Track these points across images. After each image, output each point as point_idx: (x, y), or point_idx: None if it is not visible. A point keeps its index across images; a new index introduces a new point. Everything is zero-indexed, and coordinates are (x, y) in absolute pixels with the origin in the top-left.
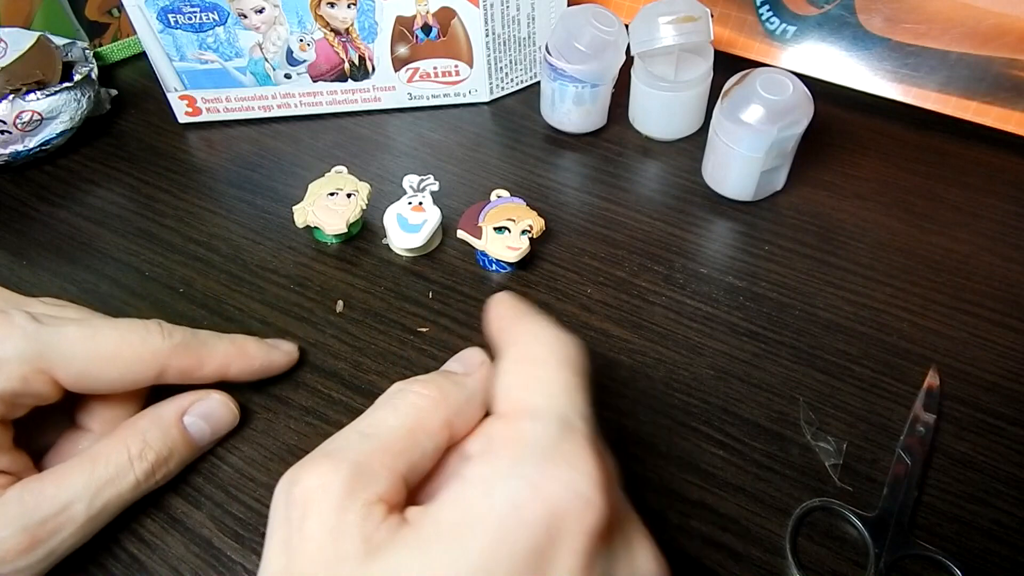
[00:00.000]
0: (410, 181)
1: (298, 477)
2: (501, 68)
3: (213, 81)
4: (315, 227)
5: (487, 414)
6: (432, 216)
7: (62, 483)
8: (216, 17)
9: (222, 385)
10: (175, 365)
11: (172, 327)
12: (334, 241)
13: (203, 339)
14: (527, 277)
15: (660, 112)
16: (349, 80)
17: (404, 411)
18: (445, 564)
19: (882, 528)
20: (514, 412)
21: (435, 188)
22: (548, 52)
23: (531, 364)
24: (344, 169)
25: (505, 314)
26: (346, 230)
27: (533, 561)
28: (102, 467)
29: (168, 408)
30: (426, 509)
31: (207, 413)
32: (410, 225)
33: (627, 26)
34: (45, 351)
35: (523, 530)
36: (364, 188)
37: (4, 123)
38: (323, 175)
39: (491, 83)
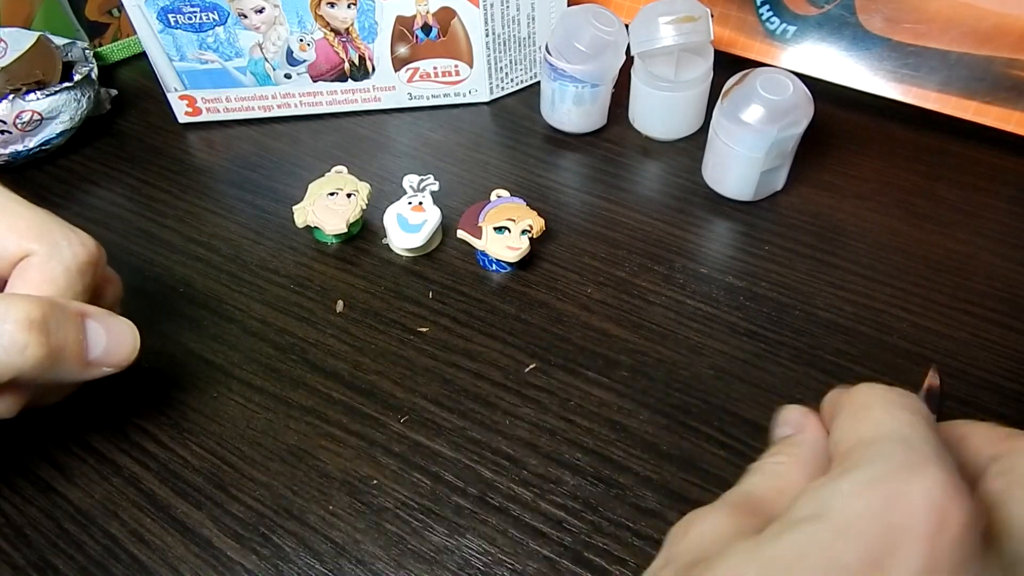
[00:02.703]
0: (410, 181)
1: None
2: (501, 68)
3: (213, 81)
4: (315, 227)
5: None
6: (432, 216)
7: None
8: (216, 17)
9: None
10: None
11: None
12: (334, 241)
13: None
14: (527, 277)
15: (660, 112)
16: (349, 80)
17: (769, 473)
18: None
19: None
20: (851, 447)
21: (435, 188)
22: (548, 52)
23: (862, 408)
24: (344, 169)
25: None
26: (346, 230)
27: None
28: None
29: (72, 302)
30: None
31: (110, 326)
32: (410, 225)
33: (627, 26)
34: None
35: (860, 535)
36: (364, 188)
37: (4, 123)
38: (323, 175)
39: (491, 83)
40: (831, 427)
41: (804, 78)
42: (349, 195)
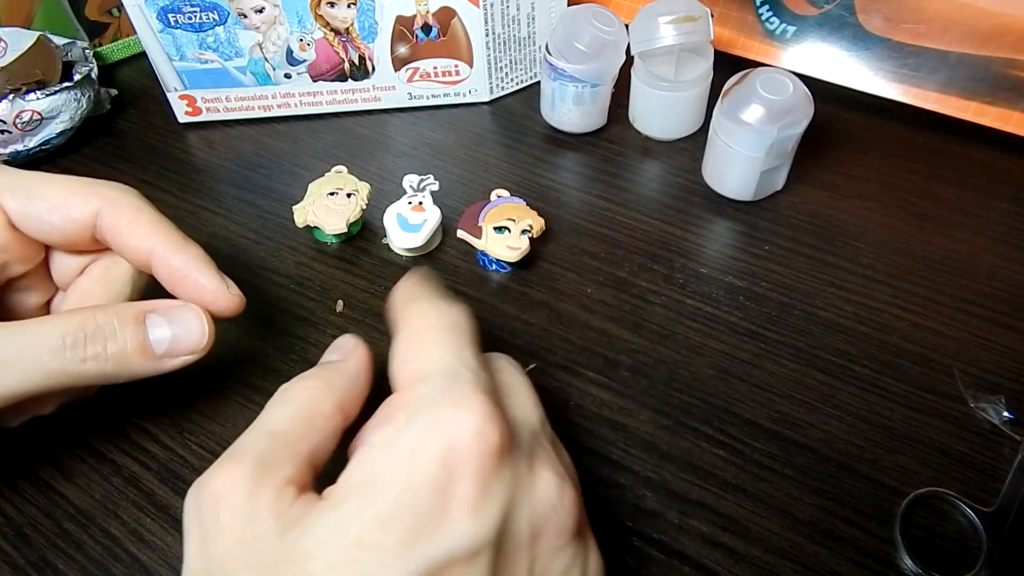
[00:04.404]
0: (410, 181)
1: (205, 481)
2: (501, 68)
3: (213, 81)
4: (315, 227)
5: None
6: (432, 216)
7: None
8: (216, 17)
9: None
10: (106, 216)
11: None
12: (334, 241)
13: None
14: (527, 277)
15: (660, 112)
16: (349, 80)
17: (296, 403)
18: (355, 518)
19: (1000, 521)
20: (407, 382)
21: (435, 188)
22: (548, 52)
23: (418, 339)
24: (344, 169)
25: (399, 298)
26: (346, 230)
27: (436, 497)
28: (33, 326)
29: (134, 304)
30: (337, 482)
31: (175, 317)
32: (410, 225)
33: (627, 26)
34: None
35: (422, 472)
36: (364, 188)
37: (4, 123)
38: (323, 175)
39: (491, 83)
40: (392, 345)
41: (804, 78)
42: (349, 195)
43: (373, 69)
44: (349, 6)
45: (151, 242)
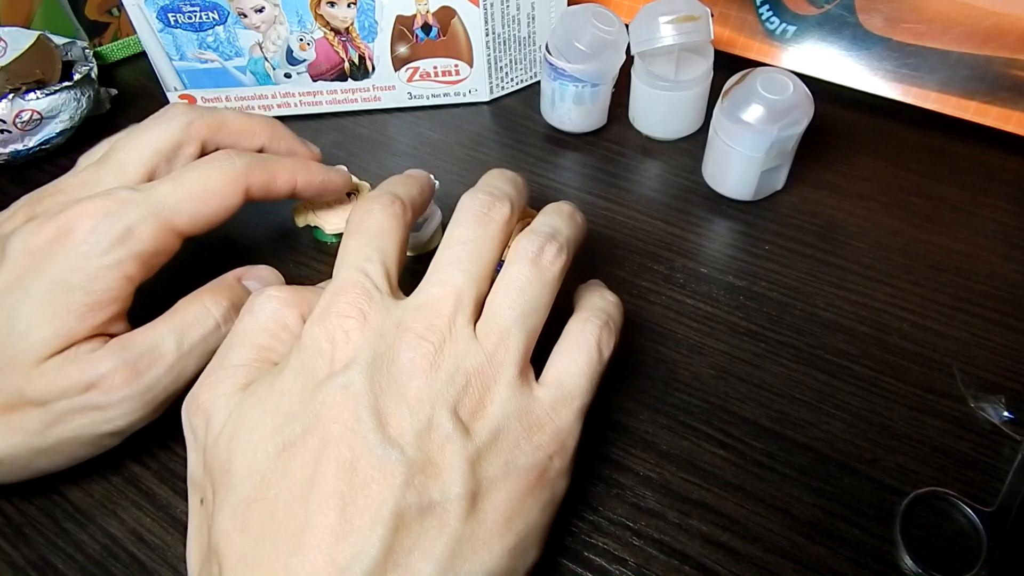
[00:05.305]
0: None
1: (193, 397)
2: (501, 68)
3: (213, 80)
4: (315, 227)
5: None
6: (433, 216)
7: (151, 331)
8: (216, 16)
9: None
10: (255, 181)
11: (237, 151)
12: (334, 240)
13: (268, 156)
14: None
15: (660, 112)
16: (349, 79)
17: (263, 316)
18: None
19: (1000, 521)
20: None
21: (435, 186)
22: (548, 52)
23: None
24: (344, 168)
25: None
26: None
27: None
28: (181, 315)
29: (226, 275)
30: None
31: (259, 276)
32: None
33: (627, 25)
34: (159, 209)
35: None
36: (364, 187)
37: (4, 122)
38: None
39: (491, 83)
40: None
41: (804, 78)
42: (349, 194)
43: (373, 69)
44: (349, 6)
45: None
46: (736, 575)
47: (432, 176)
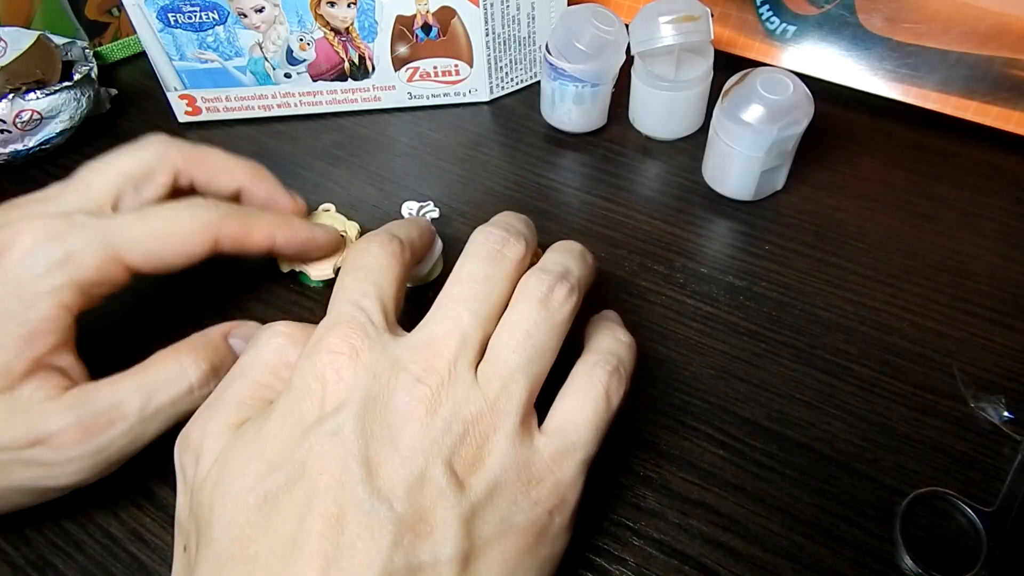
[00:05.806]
0: (409, 208)
1: (186, 433)
2: (501, 68)
3: (213, 80)
4: (300, 271)
5: None
6: (433, 245)
7: (116, 386)
8: (216, 16)
9: None
10: (226, 233)
11: (216, 201)
12: (320, 285)
13: (249, 210)
14: None
15: (660, 112)
16: (349, 79)
17: (267, 352)
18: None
19: (1000, 521)
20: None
21: (435, 215)
22: (548, 52)
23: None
24: (332, 207)
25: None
26: (333, 275)
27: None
28: (153, 373)
29: (212, 330)
30: None
31: (247, 335)
32: None
33: (627, 25)
34: (110, 239)
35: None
36: (353, 228)
37: (4, 122)
38: (310, 214)
39: (491, 83)
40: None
41: (804, 78)
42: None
43: (373, 69)
44: (349, 6)
45: (264, 239)
46: (736, 575)
47: (432, 203)
